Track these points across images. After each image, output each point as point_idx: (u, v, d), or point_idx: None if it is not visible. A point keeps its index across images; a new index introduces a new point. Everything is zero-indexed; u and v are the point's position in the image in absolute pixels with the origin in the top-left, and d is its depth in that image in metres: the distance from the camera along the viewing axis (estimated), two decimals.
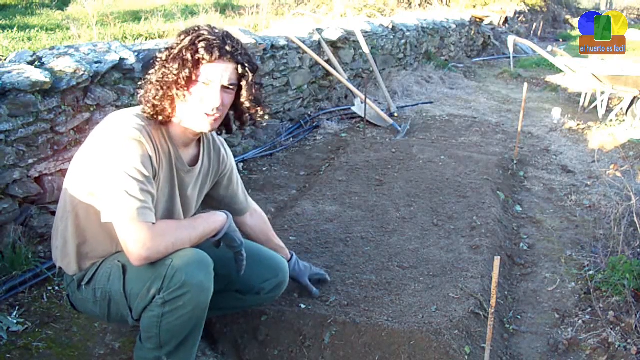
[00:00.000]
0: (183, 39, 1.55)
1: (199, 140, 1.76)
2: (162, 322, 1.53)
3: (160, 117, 1.58)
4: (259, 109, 1.68)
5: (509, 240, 3.01)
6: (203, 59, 1.52)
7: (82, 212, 1.60)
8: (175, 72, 1.52)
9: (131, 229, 1.45)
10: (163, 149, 1.61)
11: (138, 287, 1.54)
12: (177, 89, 1.54)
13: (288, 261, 2.07)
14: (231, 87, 1.58)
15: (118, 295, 1.59)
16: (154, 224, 1.49)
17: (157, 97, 1.55)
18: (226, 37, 1.56)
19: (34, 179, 2.47)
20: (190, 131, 1.64)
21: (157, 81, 1.55)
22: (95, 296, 1.64)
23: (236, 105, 1.65)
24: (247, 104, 1.65)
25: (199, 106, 1.56)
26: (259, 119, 1.71)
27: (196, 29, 1.57)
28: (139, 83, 1.64)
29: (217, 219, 1.67)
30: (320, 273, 2.25)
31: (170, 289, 1.49)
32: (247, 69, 1.58)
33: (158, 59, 1.58)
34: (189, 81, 1.53)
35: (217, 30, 1.57)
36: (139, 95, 1.61)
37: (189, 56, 1.52)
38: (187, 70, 1.52)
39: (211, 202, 1.97)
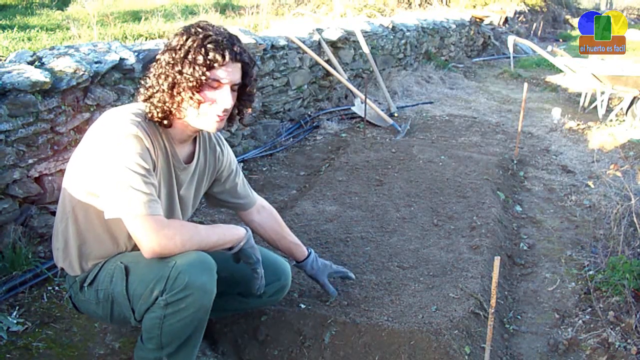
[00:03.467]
0: (187, 39, 1.52)
1: (194, 138, 1.75)
2: (163, 324, 1.53)
3: (166, 122, 1.58)
4: (250, 105, 1.70)
5: (509, 240, 3.01)
6: (215, 61, 1.51)
7: (81, 212, 1.60)
8: (188, 76, 1.50)
9: (141, 222, 1.45)
10: (160, 145, 1.61)
11: (141, 288, 1.53)
12: (192, 93, 1.52)
13: (305, 259, 2.04)
14: (236, 86, 1.60)
15: (121, 297, 1.58)
16: (165, 218, 1.49)
17: (171, 103, 1.54)
18: (230, 36, 1.56)
19: (34, 179, 2.47)
20: (190, 128, 1.63)
21: (169, 87, 1.52)
22: (97, 297, 1.63)
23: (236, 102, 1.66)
24: (245, 102, 1.67)
25: (210, 108, 1.55)
26: (246, 115, 1.73)
27: (200, 28, 1.54)
28: (141, 83, 1.62)
29: (234, 233, 1.67)
30: (342, 271, 2.17)
31: (173, 290, 1.49)
32: (250, 67, 1.60)
33: (163, 62, 1.54)
34: (201, 84, 1.52)
35: (221, 30, 1.57)
36: (141, 98, 1.59)
37: (200, 59, 1.50)
38: (199, 74, 1.50)
39: (212, 199, 1.97)
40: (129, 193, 1.45)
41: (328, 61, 5.29)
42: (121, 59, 2.87)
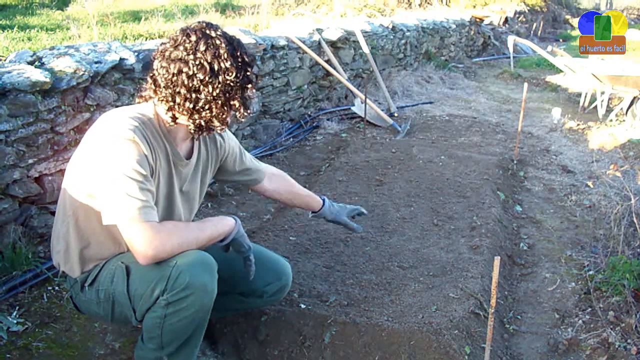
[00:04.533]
0: (221, 44, 1.53)
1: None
2: (164, 323, 1.53)
3: (202, 131, 1.63)
4: None
5: (509, 240, 3.01)
6: (254, 62, 1.60)
7: (82, 215, 1.60)
8: (235, 81, 1.54)
9: (135, 229, 1.45)
10: (159, 145, 1.61)
11: (142, 288, 1.54)
12: (240, 97, 1.58)
13: (321, 207, 2.13)
14: None
15: (122, 297, 1.58)
16: (158, 222, 1.49)
17: (218, 112, 1.58)
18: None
19: (34, 179, 2.47)
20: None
21: (218, 93, 1.54)
22: (98, 297, 1.63)
23: None
24: None
25: (240, 110, 1.62)
26: None
27: (231, 35, 1.58)
28: (165, 91, 1.57)
29: (225, 224, 1.68)
30: (356, 208, 2.26)
31: (174, 290, 1.49)
32: None
33: (222, 78, 1.53)
34: (253, 87, 1.61)
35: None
36: (186, 118, 1.58)
37: (241, 63, 1.55)
38: (242, 78, 1.55)
39: (225, 181, 2.01)
40: (124, 200, 1.45)
41: (328, 61, 5.29)
42: (121, 59, 2.87)
